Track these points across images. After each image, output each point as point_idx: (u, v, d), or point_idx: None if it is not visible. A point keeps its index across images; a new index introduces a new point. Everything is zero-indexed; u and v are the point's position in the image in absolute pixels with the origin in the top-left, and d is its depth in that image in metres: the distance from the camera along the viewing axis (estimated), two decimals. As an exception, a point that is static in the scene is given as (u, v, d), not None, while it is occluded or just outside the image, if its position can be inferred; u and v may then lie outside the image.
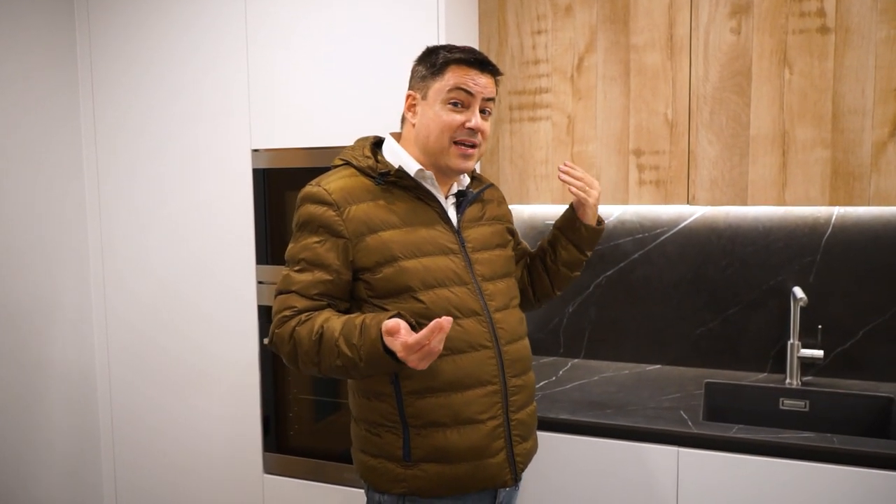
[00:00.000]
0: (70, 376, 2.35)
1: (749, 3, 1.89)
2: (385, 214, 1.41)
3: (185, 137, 2.22)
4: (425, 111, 1.44)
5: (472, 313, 1.42)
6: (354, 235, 1.38)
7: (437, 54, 1.45)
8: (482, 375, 1.42)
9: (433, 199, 1.47)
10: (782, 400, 2.08)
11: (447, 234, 1.46)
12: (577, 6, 2.06)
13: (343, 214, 1.38)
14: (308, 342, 1.34)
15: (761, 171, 1.91)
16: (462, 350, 1.40)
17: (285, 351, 1.39)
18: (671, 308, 2.30)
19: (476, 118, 1.43)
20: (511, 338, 1.48)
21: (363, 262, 1.39)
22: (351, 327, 1.31)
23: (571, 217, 1.64)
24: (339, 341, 1.30)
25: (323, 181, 1.44)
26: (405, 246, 1.40)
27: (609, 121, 2.05)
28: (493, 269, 1.50)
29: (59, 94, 2.28)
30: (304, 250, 1.40)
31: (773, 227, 2.16)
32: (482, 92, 1.43)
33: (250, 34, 2.10)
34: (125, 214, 2.34)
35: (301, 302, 1.38)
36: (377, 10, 1.96)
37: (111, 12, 2.27)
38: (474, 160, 1.47)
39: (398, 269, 1.38)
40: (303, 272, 1.39)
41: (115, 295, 2.38)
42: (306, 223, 1.41)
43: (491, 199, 1.62)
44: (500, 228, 1.59)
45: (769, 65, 1.89)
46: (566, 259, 1.67)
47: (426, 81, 1.44)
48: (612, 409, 1.89)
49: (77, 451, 2.39)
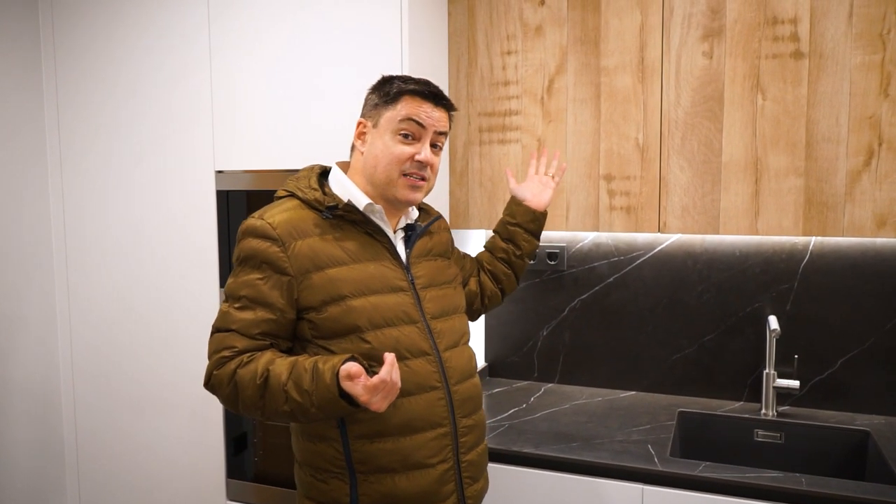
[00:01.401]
0: (34, 396, 2.31)
1: (721, 26, 1.84)
2: (332, 250, 1.35)
3: (151, 158, 2.18)
4: (374, 140, 1.40)
5: (421, 353, 1.38)
6: (299, 273, 1.32)
7: (392, 83, 1.41)
8: (432, 417, 1.37)
9: (382, 233, 1.42)
10: (757, 431, 2.02)
11: (396, 271, 1.41)
12: (548, 27, 2.00)
13: (288, 250, 1.32)
14: (251, 386, 1.27)
15: (733, 199, 1.86)
16: (411, 392, 1.35)
17: (224, 394, 1.32)
18: (646, 333, 2.25)
19: (426, 151, 1.39)
20: (460, 377, 1.43)
21: (308, 300, 1.33)
22: (300, 372, 1.25)
23: (528, 209, 1.72)
24: (288, 386, 1.25)
25: (267, 214, 1.37)
26: (353, 284, 1.34)
27: (580, 144, 2.00)
28: (442, 306, 1.46)
29: (24, 111, 2.25)
30: (246, 287, 1.33)
31: (749, 252, 2.11)
32: (434, 125, 1.39)
33: (214, 53, 2.05)
34: (89, 233, 2.29)
35: (241, 342, 1.31)
36: (341, 31, 1.91)
37: (76, 35, 2.23)
38: (423, 192, 1.43)
39: (345, 308, 1.33)
40: (244, 310, 1.33)
41: (79, 315, 2.34)
42: (248, 258, 1.35)
43: (436, 231, 1.58)
44: (446, 263, 1.55)
45: (742, 90, 1.83)
46: (529, 250, 1.74)
47: (378, 109, 1.40)
48: (578, 442, 1.84)
49: (41, 471, 2.35)
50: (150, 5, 2.12)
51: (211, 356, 1.34)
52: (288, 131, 1.99)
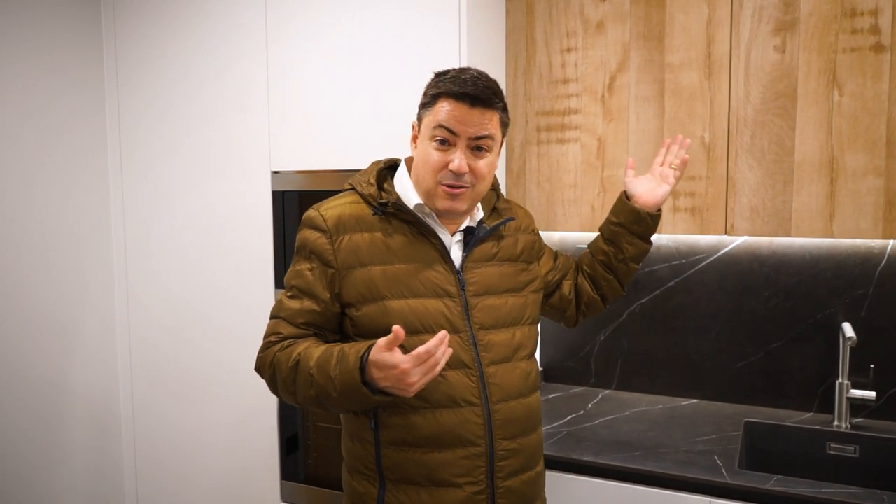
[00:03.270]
0: (93, 396, 2.35)
1: (795, 19, 1.75)
2: (379, 248, 1.32)
3: (207, 159, 2.20)
4: (418, 146, 1.34)
5: (461, 365, 1.30)
6: (343, 267, 1.30)
7: (432, 82, 1.33)
8: (464, 434, 1.29)
9: (435, 235, 1.35)
10: (829, 444, 1.93)
11: (445, 275, 1.34)
12: (610, 23, 1.95)
13: (335, 243, 1.31)
14: (285, 369, 1.27)
15: (807, 199, 1.77)
16: (443, 405, 1.28)
17: (267, 377, 1.33)
18: (709, 339, 2.16)
19: (458, 159, 1.27)
20: (505, 396, 1.33)
21: (347, 296, 1.31)
22: (328, 356, 1.23)
23: (633, 209, 1.54)
24: (314, 370, 1.23)
25: (323, 206, 1.36)
26: (393, 284, 1.30)
27: (642, 144, 1.94)
28: (495, 316, 1.36)
29: (86, 120, 2.29)
30: (297, 276, 1.34)
31: (821, 256, 2.01)
32: (468, 131, 1.27)
33: (270, 57, 2.06)
34: (147, 234, 2.32)
35: (287, 329, 1.32)
36: (400, 28, 1.89)
37: (136, 36, 2.26)
38: (466, 201, 1.32)
39: (382, 308, 1.28)
40: (293, 299, 1.34)
41: (137, 316, 2.37)
42: (301, 247, 1.36)
43: (509, 233, 1.46)
44: (514, 269, 1.43)
45: (817, 86, 1.75)
46: (633, 254, 1.57)
47: (421, 112, 1.34)
48: (640, 451, 1.77)
49: (100, 470, 2.39)
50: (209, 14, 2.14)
51: (263, 339, 1.36)
52: (344, 131, 1.98)
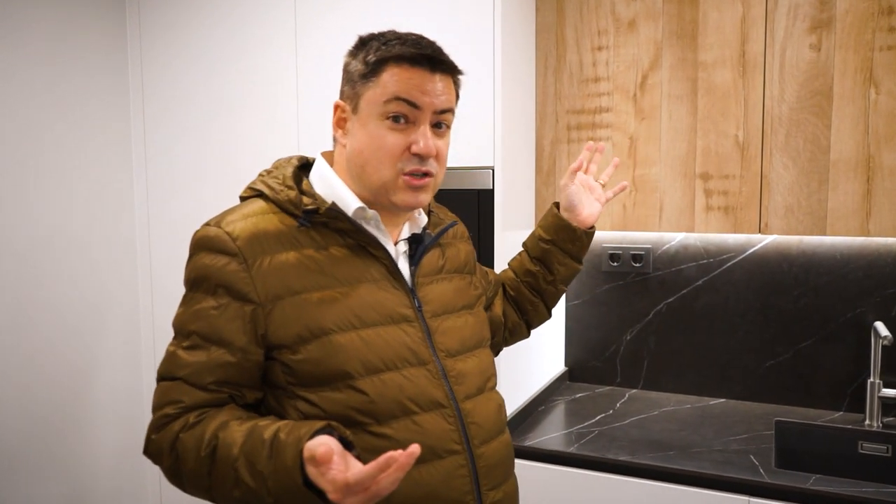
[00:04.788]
0: (119, 394, 2.34)
1: (831, 17, 1.75)
2: (311, 269, 1.04)
3: (235, 154, 2.18)
4: (357, 130, 1.06)
5: (434, 405, 1.05)
6: (267, 299, 1.00)
7: (369, 47, 1.06)
8: (450, 494, 1.04)
9: (379, 246, 1.09)
10: (861, 443, 1.92)
11: (397, 295, 1.08)
12: (642, 21, 1.94)
13: (252, 269, 1.01)
14: (195, 459, 0.96)
15: (842, 198, 1.77)
16: (422, 459, 1.00)
17: (165, 465, 1.01)
18: (737, 339, 2.16)
19: (425, 139, 1.04)
20: (486, 436, 1.11)
21: (279, 336, 1.01)
22: (257, 443, 0.92)
23: (567, 226, 1.34)
24: (239, 463, 0.93)
25: (225, 221, 1.05)
26: (339, 313, 1.02)
27: (674, 142, 1.93)
28: (459, 340, 1.13)
29: (110, 108, 2.28)
30: (197, 319, 1.01)
31: (852, 255, 2.01)
32: (433, 103, 1.04)
33: (299, 53, 2.05)
34: (172, 230, 2.31)
35: (190, 395, 0.99)
36: (430, 24, 1.88)
37: (161, 29, 2.26)
38: (429, 192, 1.09)
39: (328, 346, 1.00)
40: (194, 350, 1.01)
41: (162, 314, 2.36)
42: (200, 280, 1.03)
43: (450, 241, 1.25)
44: (464, 283, 1.22)
45: (853, 84, 1.74)
46: (565, 275, 1.39)
47: (356, 88, 1.07)
48: (675, 451, 1.77)
49: (123, 469, 2.38)
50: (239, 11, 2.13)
51: (153, 413, 1.03)
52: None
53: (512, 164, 1.89)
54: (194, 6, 2.19)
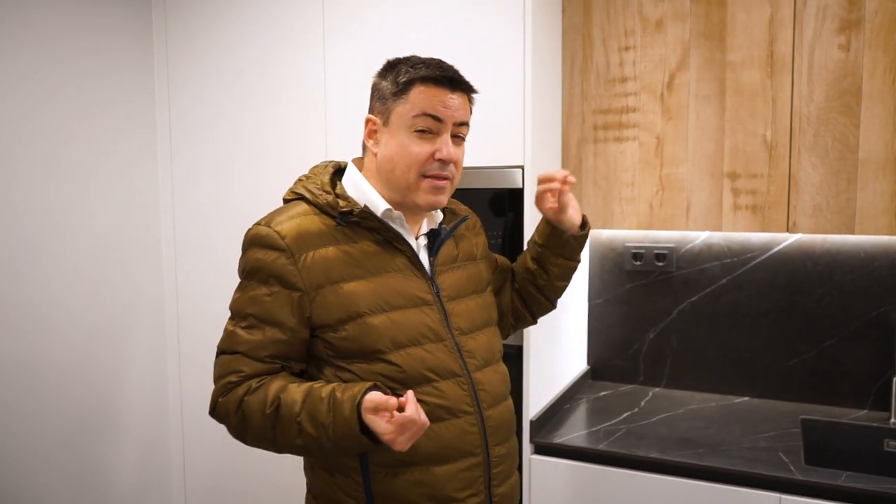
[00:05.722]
0: (144, 394, 2.36)
1: (860, 18, 1.76)
2: (348, 262, 1.22)
3: (261, 159, 2.19)
4: (388, 140, 1.25)
5: (451, 374, 1.25)
6: (311, 287, 1.20)
7: (399, 70, 1.25)
8: (463, 446, 1.24)
9: (402, 241, 1.27)
10: (887, 441, 1.93)
11: (419, 283, 1.27)
12: (669, 21, 1.96)
13: (298, 262, 1.19)
14: (260, 416, 1.16)
15: (871, 197, 1.78)
16: (440, 418, 1.22)
17: (232, 424, 1.20)
18: (761, 338, 2.17)
19: (447, 148, 1.23)
20: (493, 400, 1.30)
21: (322, 318, 1.20)
22: (316, 400, 1.14)
23: (553, 231, 1.44)
24: (302, 417, 1.13)
25: (274, 221, 1.23)
26: (371, 299, 1.21)
27: (701, 142, 1.95)
28: (471, 320, 1.32)
29: (135, 111, 2.29)
30: (253, 303, 1.21)
31: (876, 254, 2.02)
32: (453, 116, 1.23)
33: (327, 53, 2.06)
34: (198, 234, 2.32)
35: (249, 365, 1.19)
36: (460, 26, 1.89)
37: (188, 32, 2.27)
38: (447, 194, 1.28)
39: (363, 326, 1.20)
40: (251, 329, 1.20)
41: (186, 318, 2.38)
42: (255, 271, 1.22)
43: (463, 233, 1.43)
44: (475, 270, 1.40)
45: (882, 84, 1.76)
46: (559, 273, 1.50)
47: (387, 104, 1.25)
48: (704, 449, 1.78)
49: (149, 478, 2.39)
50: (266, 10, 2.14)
51: (216, 381, 1.22)
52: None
53: (540, 163, 1.90)
54: (221, 9, 2.20)
